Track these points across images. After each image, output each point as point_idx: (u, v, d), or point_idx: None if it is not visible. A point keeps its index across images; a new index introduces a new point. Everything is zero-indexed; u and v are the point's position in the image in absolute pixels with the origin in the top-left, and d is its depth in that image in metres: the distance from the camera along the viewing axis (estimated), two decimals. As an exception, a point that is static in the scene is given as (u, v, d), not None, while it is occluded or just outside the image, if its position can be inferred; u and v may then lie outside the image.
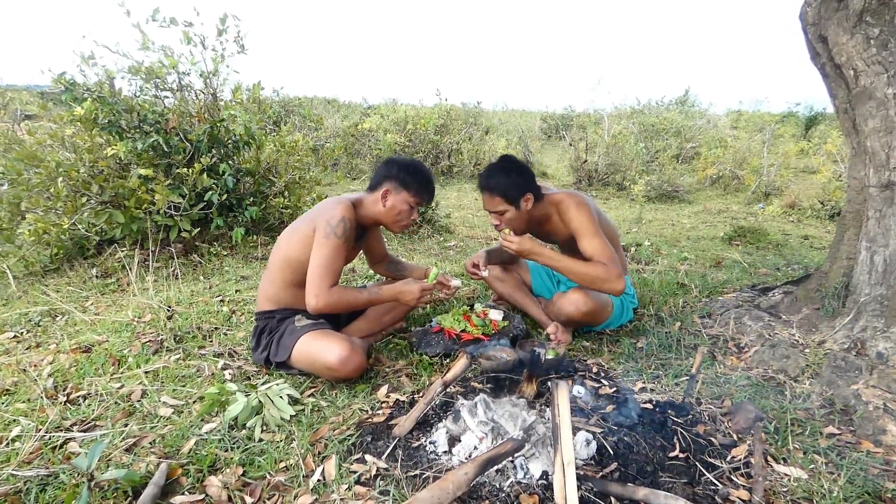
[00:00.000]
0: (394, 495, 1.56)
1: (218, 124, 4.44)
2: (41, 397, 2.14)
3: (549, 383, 1.73)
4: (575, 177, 9.38)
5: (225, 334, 2.78)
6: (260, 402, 1.98)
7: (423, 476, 1.66)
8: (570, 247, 2.68)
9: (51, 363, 2.48)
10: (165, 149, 4.10)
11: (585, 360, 2.52)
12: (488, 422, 1.76)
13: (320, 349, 2.19)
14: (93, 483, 1.33)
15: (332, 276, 2.21)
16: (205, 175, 4.06)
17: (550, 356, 2.28)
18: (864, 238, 2.57)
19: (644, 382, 2.29)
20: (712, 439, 1.86)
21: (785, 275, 3.87)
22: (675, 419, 1.96)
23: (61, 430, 1.89)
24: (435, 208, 5.41)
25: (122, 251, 4.02)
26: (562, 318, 2.57)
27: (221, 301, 3.28)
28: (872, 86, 2.42)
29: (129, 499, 1.52)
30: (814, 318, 2.72)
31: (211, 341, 2.67)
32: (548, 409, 1.87)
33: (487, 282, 3.06)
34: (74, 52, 4.11)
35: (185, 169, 4.01)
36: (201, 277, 3.81)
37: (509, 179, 2.45)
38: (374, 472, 1.67)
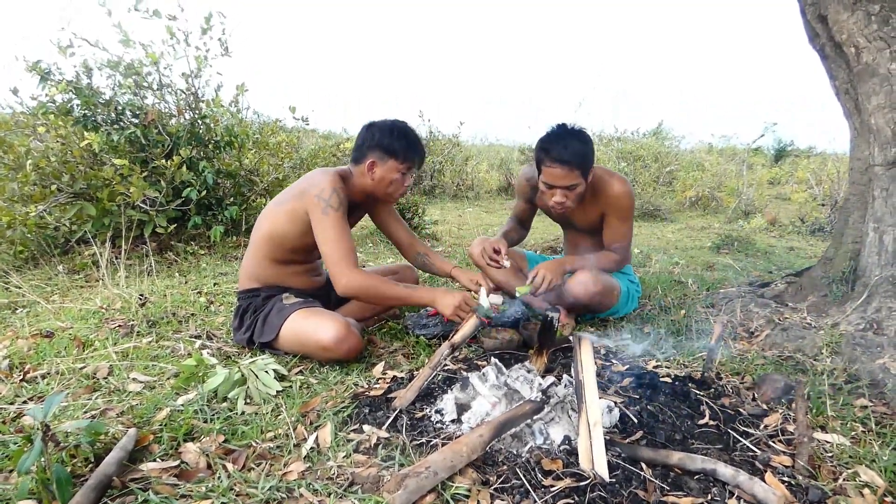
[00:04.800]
0: (399, 461, 1.38)
1: (199, 121, 4.28)
2: (-6, 377, 1.90)
3: (570, 338, 1.58)
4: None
5: (203, 320, 2.56)
6: (242, 375, 1.78)
7: (431, 443, 1.48)
8: (589, 230, 2.58)
9: (7, 347, 2.23)
10: (143, 141, 3.91)
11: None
12: (501, 386, 1.59)
13: (313, 327, 1.99)
14: (48, 434, 1.12)
15: (350, 252, 2.00)
16: (184, 168, 3.87)
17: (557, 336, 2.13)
18: (871, 219, 2.51)
19: (657, 361, 2.15)
20: (740, 410, 1.72)
21: (779, 277, 3.81)
22: (697, 392, 1.81)
23: (14, 406, 1.66)
24: (422, 215, 5.27)
25: (93, 248, 3.77)
26: (568, 301, 2.42)
27: (199, 293, 3.06)
28: (875, 62, 2.39)
29: (92, 465, 1.30)
30: (821, 304, 2.63)
31: (187, 326, 2.46)
32: (564, 377, 1.71)
33: (483, 269, 2.90)
34: (51, 41, 3.93)
35: (164, 161, 3.81)
36: (176, 274, 3.58)
37: (587, 148, 2.23)
38: (374, 441, 1.48)
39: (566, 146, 2.20)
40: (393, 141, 2.11)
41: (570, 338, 1.55)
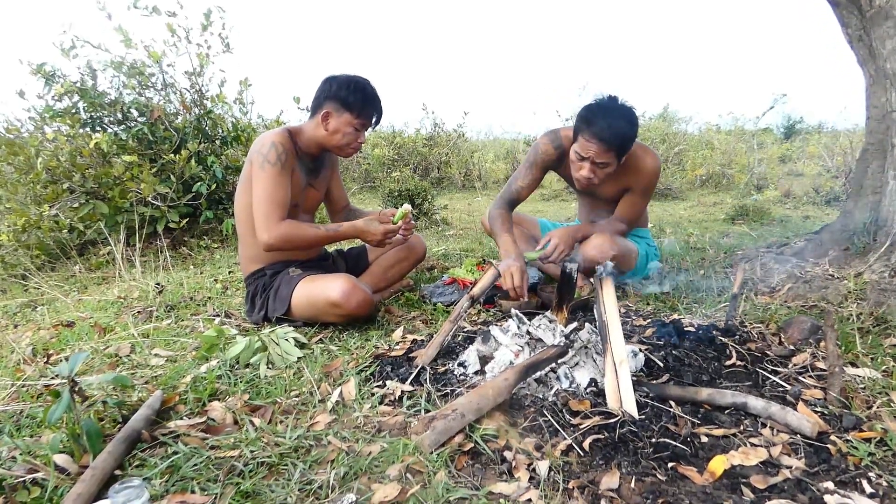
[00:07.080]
0: (425, 408, 1.37)
1: (205, 116, 4.30)
2: (20, 360, 1.91)
3: (591, 280, 1.56)
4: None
5: (220, 302, 2.57)
6: (263, 343, 1.78)
7: (456, 393, 1.47)
8: (608, 200, 2.51)
9: (30, 337, 2.25)
10: (151, 138, 3.93)
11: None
12: (523, 335, 1.57)
13: (321, 288, 2.02)
14: (76, 388, 1.13)
15: (278, 207, 2.00)
16: (192, 162, 3.89)
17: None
18: (891, 167, 2.46)
19: (679, 314, 2.12)
20: (767, 352, 1.69)
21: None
22: (723, 338, 1.78)
23: (40, 383, 1.68)
24: (431, 201, 5.26)
25: (108, 248, 3.80)
26: (585, 265, 2.39)
27: (214, 280, 3.07)
28: (888, 4, 2.34)
29: (119, 425, 1.31)
30: (843, 257, 2.58)
31: (205, 308, 2.47)
32: (587, 325, 1.69)
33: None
34: (54, 44, 3.96)
35: (173, 155, 3.83)
36: (191, 267, 3.60)
37: (632, 131, 2.10)
38: (398, 394, 1.47)
39: (610, 125, 2.03)
40: (350, 94, 2.06)
41: (592, 279, 1.53)
